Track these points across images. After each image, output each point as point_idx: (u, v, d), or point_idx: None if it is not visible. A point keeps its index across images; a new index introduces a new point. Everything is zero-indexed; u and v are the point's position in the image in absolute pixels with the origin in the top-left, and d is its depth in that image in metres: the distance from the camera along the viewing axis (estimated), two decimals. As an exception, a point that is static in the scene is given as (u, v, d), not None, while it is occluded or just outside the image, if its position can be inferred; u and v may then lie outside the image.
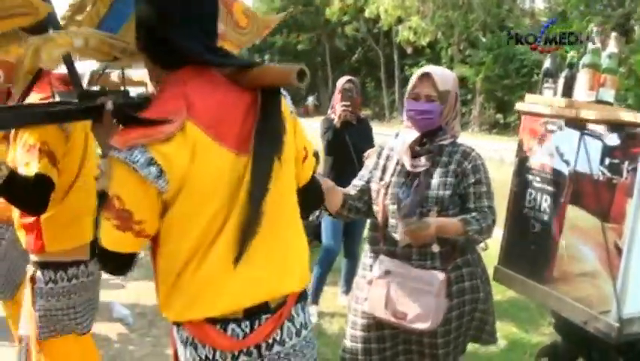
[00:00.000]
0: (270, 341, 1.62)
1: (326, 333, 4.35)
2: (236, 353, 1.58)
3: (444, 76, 2.43)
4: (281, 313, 1.63)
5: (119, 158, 1.38)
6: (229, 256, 1.50)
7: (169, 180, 1.41)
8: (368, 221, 2.71)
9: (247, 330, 1.57)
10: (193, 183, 1.44)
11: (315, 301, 4.62)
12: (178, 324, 1.60)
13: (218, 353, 1.56)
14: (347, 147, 4.30)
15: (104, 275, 2.53)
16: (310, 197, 1.87)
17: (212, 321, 1.55)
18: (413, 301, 2.37)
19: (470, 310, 2.49)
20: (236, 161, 1.50)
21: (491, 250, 2.89)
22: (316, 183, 1.93)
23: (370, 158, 2.70)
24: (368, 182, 2.60)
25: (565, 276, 2.43)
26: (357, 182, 2.64)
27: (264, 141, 1.52)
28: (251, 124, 1.53)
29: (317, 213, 6.36)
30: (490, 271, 2.73)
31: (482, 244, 2.56)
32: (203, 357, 1.57)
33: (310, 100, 33.47)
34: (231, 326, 1.55)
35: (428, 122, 2.42)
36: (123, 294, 4.95)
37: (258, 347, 1.60)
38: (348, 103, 4.31)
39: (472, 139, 15.28)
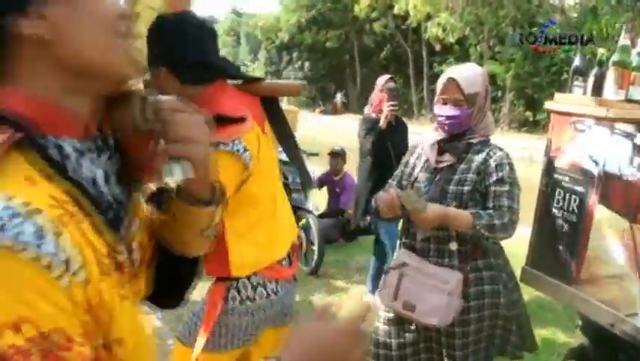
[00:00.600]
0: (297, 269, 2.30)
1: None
2: (286, 282, 2.15)
3: (470, 78, 2.42)
4: (295, 250, 2.26)
5: (226, 150, 1.80)
6: (281, 213, 2.15)
7: (254, 163, 1.88)
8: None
9: (289, 263, 2.18)
10: (260, 165, 1.94)
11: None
12: (248, 276, 2.04)
13: (280, 284, 2.10)
14: (388, 148, 4.24)
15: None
16: None
17: (278, 262, 2.10)
18: (424, 296, 2.38)
19: (491, 316, 2.45)
20: (269, 145, 2.08)
21: (519, 250, 2.87)
22: None
23: (404, 157, 2.72)
24: (401, 181, 2.62)
25: (592, 278, 2.41)
26: (392, 182, 2.66)
27: (286, 129, 2.20)
28: (264, 120, 2.10)
29: (368, 218, 6.25)
30: (517, 273, 2.70)
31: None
32: (270, 291, 2.07)
33: (338, 97, 33.45)
34: (283, 262, 2.14)
35: (457, 126, 2.43)
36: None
37: (293, 274, 2.25)
38: (396, 103, 4.23)
39: (501, 137, 15.14)
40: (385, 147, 4.22)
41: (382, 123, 4.17)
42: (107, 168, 0.90)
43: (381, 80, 4.42)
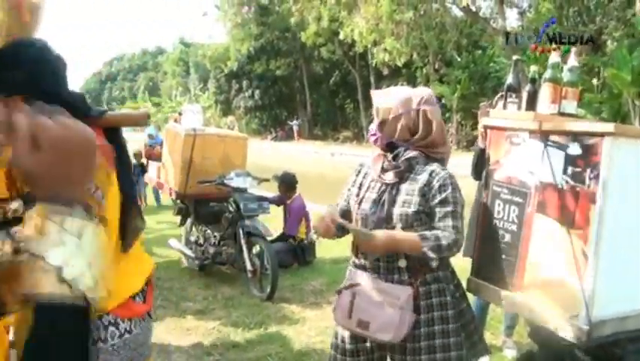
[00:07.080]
0: None
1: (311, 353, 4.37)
2: (141, 320, 1.99)
3: (383, 94, 2.59)
4: (151, 286, 2.07)
5: None
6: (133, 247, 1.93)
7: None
8: None
9: (143, 300, 2.00)
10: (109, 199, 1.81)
11: None
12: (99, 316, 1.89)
13: (133, 323, 1.95)
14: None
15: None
16: None
17: (131, 298, 1.93)
18: (377, 312, 2.42)
19: (441, 331, 2.47)
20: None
21: (466, 263, 2.94)
22: None
23: (350, 176, 2.77)
24: (348, 200, 2.67)
25: (534, 283, 2.48)
26: (341, 202, 2.71)
27: (128, 160, 1.96)
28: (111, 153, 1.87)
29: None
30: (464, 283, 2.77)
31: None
32: (123, 330, 1.91)
33: (295, 124, 33.50)
34: (137, 298, 1.96)
35: (374, 138, 2.61)
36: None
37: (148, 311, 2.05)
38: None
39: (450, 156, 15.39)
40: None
41: (480, 143, 3.66)
42: None
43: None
